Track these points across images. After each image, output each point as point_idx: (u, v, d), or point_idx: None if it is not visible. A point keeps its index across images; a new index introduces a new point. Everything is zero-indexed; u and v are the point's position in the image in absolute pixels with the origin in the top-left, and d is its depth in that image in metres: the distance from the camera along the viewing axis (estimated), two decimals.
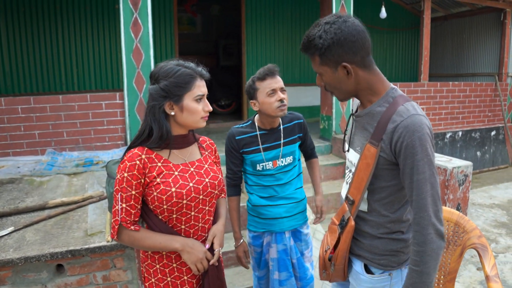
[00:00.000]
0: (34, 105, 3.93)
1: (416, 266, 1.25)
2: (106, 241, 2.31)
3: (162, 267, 1.49)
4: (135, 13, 3.79)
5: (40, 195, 3.02)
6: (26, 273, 2.30)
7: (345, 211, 1.45)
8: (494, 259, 2.08)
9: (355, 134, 1.45)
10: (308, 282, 2.14)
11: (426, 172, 1.21)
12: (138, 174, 1.39)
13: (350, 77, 1.30)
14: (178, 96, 1.40)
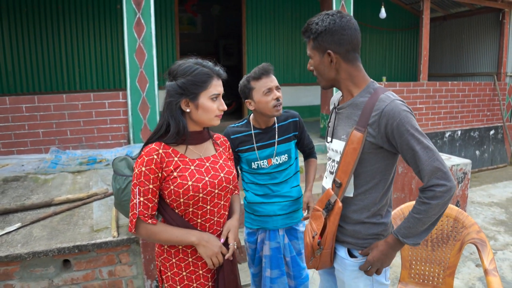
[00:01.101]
0: (38, 104, 3.97)
1: (418, 214, 1.37)
2: (112, 236, 2.35)
3: (178, 261, 1.53)
4: (138, 13, 3.83)
5: (45, 192, 3.06)
6: (34, 268, 2.34)
7: (330, 196, 1.51)
8: (493, 254, 2.13)
9: (338, 125, 1.55)
10: (302, 281, 2.15)
11: (421, 141, 1.34)
12: (155, 168, 1.42)
13: (332, 65, 1.46)
14: (194, 94, 1.44)
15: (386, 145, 1.42)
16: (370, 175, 1.48)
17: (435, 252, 2.31)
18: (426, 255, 2.33)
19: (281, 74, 7.09)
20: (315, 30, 1.44)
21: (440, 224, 2.32)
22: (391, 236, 1.46)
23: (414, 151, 1.35)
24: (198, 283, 1.54)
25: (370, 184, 1.49)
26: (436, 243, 2.31)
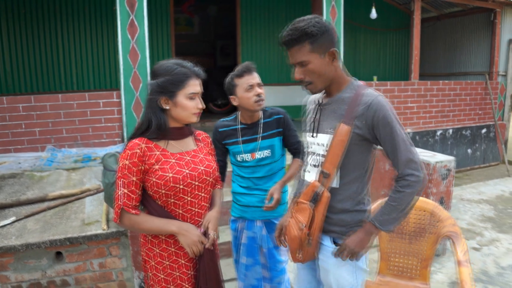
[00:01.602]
0: (35, 104, 4.07)
1: (393, 202, 1.53)
2: (102, 229, 2.46)
3: (161, 251, 1.62)
4: (131, 15, 3.93)
5: (40, 188, 3.17)
6: (27, 260, 2.45)
7: (316, 187, 1.60)
8: (466, 246, 2.22)
9: (323, 120, 1.64)
10: (278, 274, 2.22)
11: (402, 133, 1.52)
12: (138, 161, 1.53)
13: (334, 63, 1.54)
14: (172, 92, 1.55)
15: (370, 136, 1.54)
16: (354, 165, 1.59)
17: (412, 245, 2.40)
18: (403, 248, 2.42)
19: (275, 74, 7.19)
20: (315, 32, 1.48)
21: (417, 218, 2.42)
22: (369, 223, 1.58)
23: (395, 141, 1.50)
24: (181, 272, 1.64)
25: (354, 175, 1.60)
26: (414, 236, 2.40)
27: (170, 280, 1.63)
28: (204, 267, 1.62)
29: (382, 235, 2.45)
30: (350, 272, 1.66)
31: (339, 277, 1.66)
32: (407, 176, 1.49)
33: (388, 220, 1.54)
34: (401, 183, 1.51)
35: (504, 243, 3.99)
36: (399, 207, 1.52)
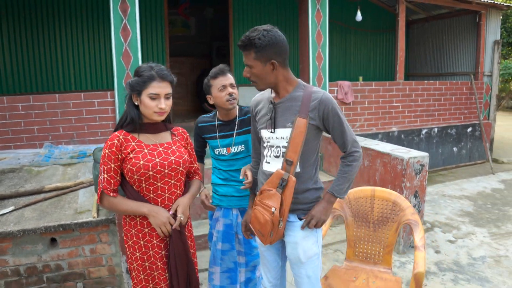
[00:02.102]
0: (33, 103, 4.30)
1: (344, 174, 1.90)
2: (93, 217, 2.68)
3: (136, 231, 1.84)
4: (124, 19, 4.16)
5: (37, 181, 3.39)
6: (24, 245, 2.67)
7: (281, 175, 1.84)
8: (424, 233, 2.43)
9: (279, 117, 1.89)
10: (253, 258, 2.43)
11: (346, 122, 1.88)
12: (116, 150, 1.76)
13: (274, 72, 1.81)
14: (138, 91, 1.79)
15: (322, 125, 1.85)
16: (311, 151, 1.89)
17: (376, 232, 2.61)
18: (368, 236, 2.63)
19: None
20: (259, 44, 1.73)
21: (381, 207, 2.63)
22: (327, 194, 1.90)
23: (342, 127, 1.84)
24: (154, 251, 1.86)
25: (311, 159, 1.90)
26: (377, 225, 2.62)
27: (145, 258, 1.85)
28: (173, 247, 1.83)
29: (349, 224, 2.67)
30: (315, 243, 1.94)
31: (306, 248, 1.92)
32: (353, 153, 1.88)
33: (343, 189, 1.90)
34: (349, 159, 1.89)
35: (479, 236, 4.19)
36: (350, 177, 1.90)
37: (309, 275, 1.95)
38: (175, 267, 1.83)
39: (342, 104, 5.62)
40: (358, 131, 5.75)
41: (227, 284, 2.39)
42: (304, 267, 1.94)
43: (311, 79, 5.22)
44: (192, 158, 2.05)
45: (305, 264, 1.93)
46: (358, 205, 2.68)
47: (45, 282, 2.77)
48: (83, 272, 2.83)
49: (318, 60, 5.22)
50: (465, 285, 3.21)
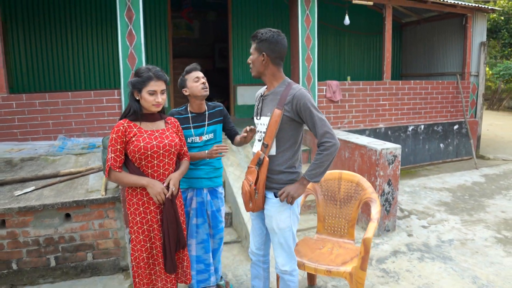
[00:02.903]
0: (49, 100, 4.81)
1: (316, 161, 2.20)
2: (101, 195, 3.15)
3: (137, 200, 2.30)
4: (130, 25, 4.64)
5: (53, 168, 3.88)
6: (43, 219, 3.15)
7: (259, 155, 2.29)
8: (380, 207, 2.85)
9: (264, 107, 2.35)
10: (219, 231, 2.88)
11: (317, 114, 2.19)
12: (121, 135, 2.22)
13: (263, 63, 2.25)
14: (139, 88, 2.25)
15: (297, 117, 2.24)
16: (287, 139, 2.29)
17: (342, 209, 3.04)
18: (335, 212, 3.06)
19: None
20: (259, 37, 2.22)
21: (346, 187, 3.05)
22: (302, 177, 2.28)
23: (313, 120, 2.19)
24: (151, 216, 2.31)
25: (287, 145, 2.30)
26: (343, 202, 3.04)
27: (144, 222, 2.31)
28: (166, 212, 2.29)
29: (320, 203, 3.10)
30: (287, 217, 2.35)
31: (279, 220, 2.34)
32: (324, 143, 2.18)
33: (315, 174, 2.23)
34: (321, 148, 2.20)
35: (451, 222, 4.56)
36: (322, 164, 2.21)
37: (281, 242, 2.38)
38: (167, 228, 2.29)
39: (331, 102, 6.05)
40: (346, 127, 6.16)
41: (202, 253, 2.82)
42: (277, 236, 2.38)
43: (301, 79, 5.65)
44: (182, 142, 2.51)
45: (278, 233, 2.36)
46: (328, 186, 3.11)
47: (60, 251, 3.25)
48: (92, 243, 3.31)
49: (307, 62, 5.65)
50: (429, 262, 3.60)
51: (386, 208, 4.17)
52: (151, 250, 2.35)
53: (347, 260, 2.63)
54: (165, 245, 2.32)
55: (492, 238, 4.10)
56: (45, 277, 3.25)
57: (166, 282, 2.39)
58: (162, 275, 2.38)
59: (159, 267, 2.37)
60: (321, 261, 2.63)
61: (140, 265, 2.33)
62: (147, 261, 2.34)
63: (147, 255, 2.34)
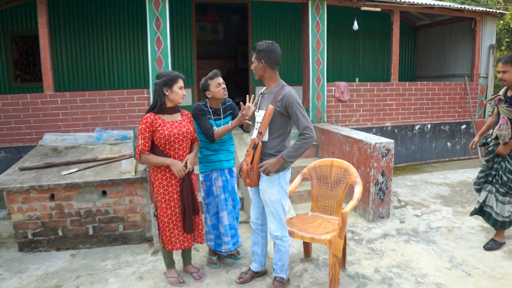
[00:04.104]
0: (88, 98, 5.56)
1: (295, 146, 2.76)
2: (131, 175, 3.81)
3: (161, 176, 2.94)
4: (158, 33, 5.31)
5: (92, 154, 4.59)
6: (84, 194, 3.84)
7: (255, 141, 2.88)
8: (361, 189, 3.34)
9: (262, 103, 2.95)
10: (237, 203, 3.52)
11: (301, 111, 2.76)
12: (149, 125, 2.85)
13: (262, 69, 2.85)
14: (170, 85, 2.89)
15: (285, 112, 2.82)
16: (276, 128, 2.88)
17: (332, 191, 3.56)
18: (326, 193, 3.58)
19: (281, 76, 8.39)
20: (258, 49, 2.82)
21: (336, 172, 3.56)
22: (280, 155, 2.81)
23: (297, 116, 2.77)
24: (172, 188, 2.95)
25: (276, 134, 2.88)
26: (333, 185, 3.56)
27: (166, 193, 2.95)
28: (185, 184, 2.94)
29: (314, 185, 3.63)
30: (277, 191, 2.92)
31: (270, 194, 2.92)
32: (304, 134, 2.76)
33: (291, 156, 2.80)
34: (301, 137, 2.78)
35: (443, 213, 4.94)
36: (298, 149, 2.78)
37: (272, 212, 2.96)
38: (186, 197, 2.93)
39: (339, 102, 6.53)
40: (354, 125, 6.62)
41: (232, 221, 3.44)
42: (269, 206, 2.95)
43: (311, 80, 6.17)
44: (194, 130, 3.12)
45: (270, 204, 2.94)
46: (321, 171, 3.63)
47: (97, 222, 3.94)
48: (123, 216, 3.97)
49: (317, 64, 6.17)
50: (413, 244, 4.03)
51: (380, 196, 4.64)
52: (171, 216, 2.99)
53: (329, 231, 3.16)
54: (184, 210, 2.95)
55: (478, 227, 4.47)
56: (84, 243, 3.94)
57: (184, 241, 3.03)
58: (181, 236, 3.02)
59: (177, 231, 3.01)
60: (308, 230, 3.18)
61: (165, 227, 2.98)
62: (168, 224, 2.98)
63: (168, 220, 2.98)
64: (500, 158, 3.77)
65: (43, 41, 5.17)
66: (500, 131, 3.65)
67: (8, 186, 3.62)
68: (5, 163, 5.29)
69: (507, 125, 3.62)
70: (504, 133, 3.63)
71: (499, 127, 3.67)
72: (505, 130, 3.62)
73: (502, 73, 3.65)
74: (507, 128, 3.61)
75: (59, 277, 3.39)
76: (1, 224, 4.65)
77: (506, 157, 3.72)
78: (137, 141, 2.90)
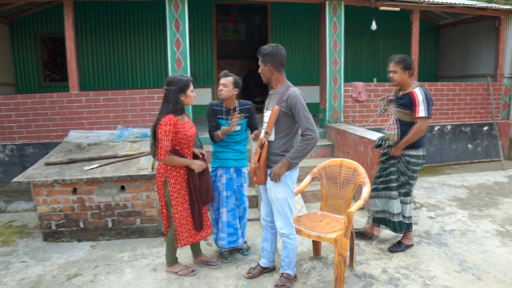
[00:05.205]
0: (110, 97, 5.80)
1: (298, 147, 2.84)
2: (148, 172, 3.99)
3: (176, 173, 3.10)
4: (177, 34, 5.49)
5: (113, 151, 4.81)
6: (104, 189, 4.04)
7: (262, 140, 2.98)
8: (370, 189, 3.39)
9: (269, 103, 3.05)
10: (242, 202, 3.61)
11: (304, 112, 2.82)
12: (172, 127, 2.99)
13: (269, 71, 2.94)
14: (184, 90, 3.05)
15: (290, 112, 2.90)
16: (282, 129, 2.96)
17: (341, 190, 3.61)
18: (335, 193, 3.64)
19: (300, 75, 8.46)
20: (263, 52, 2.92)
21: (345, 173, 3.61)
22: (285, 158, 2.89)
23: (300, 117, 2.85)
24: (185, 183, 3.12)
25: (282, 134, 2.97)
26: (342, 184, 3.61)
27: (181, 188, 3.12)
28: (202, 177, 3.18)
29: (324, 184, 3.69)
30: (283, 190, 3.01)
31: (276, 192, 3.01)
32: (305, 135, 2.83)
33: (295, 157, 2.88)
34: (303, 139, 2.85)
35: (458, 216, 4.88)
36: (301, 150, 2.86)
37: (279, 209, 3.05)
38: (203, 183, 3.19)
39: (356, 102, 6.53)
40: (371, 125, 6.60)
41: (231, 219, 3.55)
42: (276, 204, 3.05)
43: (327, 80, 6.21)
44: None
45: (276, 202, 3.03)
46: (331, 170, 3.70)
47: (116, 215, 4.13)
48: (140, 211, 4.16)
49: (334, 65, 6.19)
50: (424, 246, 4.02)
51: None
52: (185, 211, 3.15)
53: (336, 230, 3.22)
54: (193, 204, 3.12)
55: (493, 231, 4.40)
56: (103, 235, 4.15)
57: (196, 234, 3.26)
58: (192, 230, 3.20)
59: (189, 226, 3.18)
60: (315, 229, 3.25)
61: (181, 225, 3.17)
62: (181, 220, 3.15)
63: (179, 216, 3.13)
64: (395, 160, 3.81)
65: (69, 42, 5.44)
66: (389, 131, 3.73)
67: (34, 179, 3.86)
68: (33, 158, 5.61)
69: (395, 125, 3.69)
70: (393, 132, 3.70)
71: (388, 127, 3.76)
72: (393, 130, 3.69)
73: (392, 73, 3.70)
74: (395, 128, 3.68)
75: (79, 266, 3.60)
76: (29, 215, 4.95)
77: (399, 158, 3.77)
78: (161, 142, 2.97)
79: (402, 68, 3.62)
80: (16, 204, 5.07)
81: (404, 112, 3.66)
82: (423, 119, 3.59)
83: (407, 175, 3.76)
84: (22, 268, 3.59)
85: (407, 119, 3.66)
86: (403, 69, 3.63)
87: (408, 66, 3.63)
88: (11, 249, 3.99)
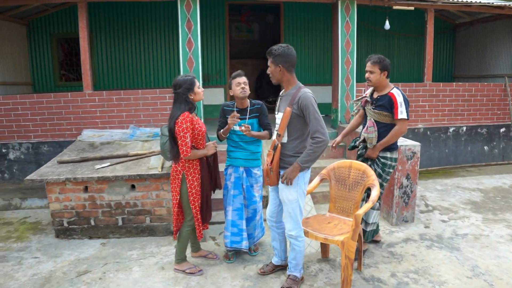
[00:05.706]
0: (123, 96, 5.87)
1: (308, 151, 2.82)
2: (158, 171, 4.02)
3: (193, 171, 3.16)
4: (189, 34, 5.52)
5: (124, 150, 4.87)
6: (115, 188, 4.10)
7: (275, 142, 2.98)
8: (379, 191, 3.34)
9: (280, 105, 3.03)
10: (252, 203, 3.59)
11: (315, 114, 2.79)
12: (190, 124, 3.04)
13: (280, 73, 2.91)
14: (192, 89, 3.09)
15: (301, 114, 2.87)
16: (295, 130, 2.95)
17: (350, 192, 3.58)
18: (344, 195, 3.61)
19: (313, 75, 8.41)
20: (273, 53, 2.88)
21: (355, 175, 3.57)
22: (296, 162, 2.88)
23: (310, 117, 2.82)
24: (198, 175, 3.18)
25: (295, 135, 2.96)
26: (351, 187, 3.57)
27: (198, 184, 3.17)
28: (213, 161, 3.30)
29: (333, 186, 3.66)
30: (295, 191, 3.00)
31: (288, 193, 3.00)
32: (315, 138, 2.80)
33: (306, 161, 2.86)
34: (312, 142, 2.82)
35: (471, 219, 4.76)
36: (311, 154, 2.83)
37: (290, 211, 3.04)
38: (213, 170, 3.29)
39: None
40: None
41: (236, 219, 3.56)
42: (287, 206, 3.04)
43: (340, 80, 6.15)
44: None
45: (287, 204, 3.02)
46: (340, 172, 3.66)
47: (126, 214, 4.19)
48: (150, 210, 4.20)
49: (346, 64, 6.13)
50: (435, 250, 3.95)
51: (404, 200, 4.57)
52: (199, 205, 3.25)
53: (343, 232, 3.19)
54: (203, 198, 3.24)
55: (508, 236, 4.29)
56: (113, 233, 4.21)
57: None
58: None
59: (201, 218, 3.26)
60: (322, 231, 3.23)
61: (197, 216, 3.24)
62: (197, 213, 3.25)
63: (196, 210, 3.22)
64: (370, 162, 3.73)
65: (83, 43, 5.53)
66: (368, 134, 3.62)
67: (47, 177, 3.94)
68: (47, 156, 5.73)
69: (374, 128, 3.60)
70: (372, 135, 3.60)
71: (367, 130, 3.64)
72: (372, 132, 3.59)
73: (369, 73, 3.60)
74: (374, 131, 3.59)
75: (89, 263, 3.66)
76: (42, 212, 5.06)
77: (375, 160, 3.68)
78: (183, 139, 3.02)
79: (379, 68, 3.52)
80: (31, 201, 5.19)
81: (383, 114, 3.58)
82: (403, 121, 3.53)
83: (382, 177, 3.70)
84: (34, 264, 3.67)
85: (387, 121, 3.60)
86: (380, 70, 3.53)
87: (385, 67, 3.53)
88: (25, 245, 4.09)
